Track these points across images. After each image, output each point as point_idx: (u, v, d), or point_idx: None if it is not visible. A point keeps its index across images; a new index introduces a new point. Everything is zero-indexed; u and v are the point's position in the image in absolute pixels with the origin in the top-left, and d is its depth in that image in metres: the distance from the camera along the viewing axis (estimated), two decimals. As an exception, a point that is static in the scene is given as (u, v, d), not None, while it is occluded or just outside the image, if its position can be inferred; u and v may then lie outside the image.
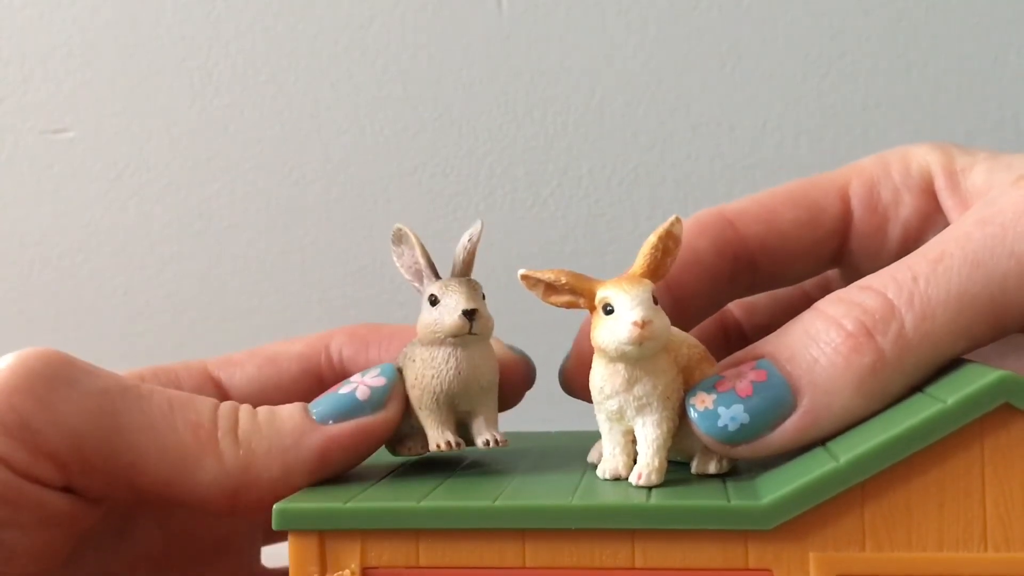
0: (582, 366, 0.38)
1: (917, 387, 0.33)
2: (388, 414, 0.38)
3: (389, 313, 0.81)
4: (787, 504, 0.31)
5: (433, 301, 0.38)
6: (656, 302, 0.34)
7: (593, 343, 0.35)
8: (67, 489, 0.36)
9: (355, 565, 0.33)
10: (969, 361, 0.33)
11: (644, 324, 0.33)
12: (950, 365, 0.33)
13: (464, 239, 0.39)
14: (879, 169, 0.44)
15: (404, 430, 0.39)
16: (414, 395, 0.38)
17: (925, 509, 0.31)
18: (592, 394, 0.36)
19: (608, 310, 0.34)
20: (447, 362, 0.37)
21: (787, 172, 0.80)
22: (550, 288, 0.35)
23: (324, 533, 0.33)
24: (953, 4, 0.79)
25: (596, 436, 0.43)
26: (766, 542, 0.31)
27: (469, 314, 0.37)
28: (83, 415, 0.35)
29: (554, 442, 0.44)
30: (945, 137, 0.79)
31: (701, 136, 0.81)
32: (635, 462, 0.35)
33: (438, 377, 0.37)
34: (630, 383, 0.34)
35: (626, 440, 0.36)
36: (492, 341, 0.39)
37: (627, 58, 0.81)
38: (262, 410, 0.38)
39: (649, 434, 0.35)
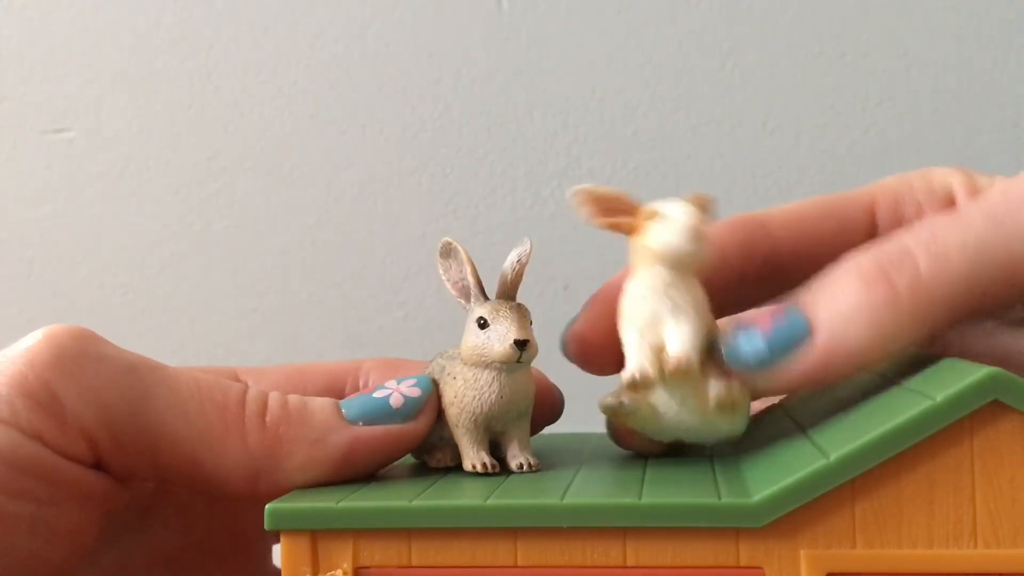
0: (591, 331, 0.39)
1: (905, 383, 0.33)
2: (418, 426, 0.38)
3: (389, 313, 0.81)
4: (778, 501, 0.31)
5: (482, 324, 0.37)
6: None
7: (640, 249, 0.35)
8: (97, 466, 0.36)
9: (347, 565, 0.33)
10: (957, 359, 0.33)
11: (700, 227, 0.34)
12: (938, 361, 0.34)
13: (512, 258, 0.39)
14: (903, 187, 0.45)
15: (433, 440, 0.39)
16: (451, 412, 0.38)
17: (915, 506, 0.30)
18: (623, 307, 0.36)
19: (661, 217, 0.35)
20: (490, 386, 0.37)
21: (787, 172, 0.80)
22: (600, 204, 0.36)
23: (316, 533, 0.33)
24: (953, 4, 0.79)
25: (592, 438, 0.43)
26: (757, 539, 0.31)
27: (520, 344, 0.36)
28: (112, 389, 0.36)
29: (547, 443, 0.44)
30: (945, 137, 0.79)
31: (701, 136, 0.81)
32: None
33: (479, 399, 0.37)
34: (668, 286, 0.35)
35: (654, 354, 0.35)
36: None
37: (627, 58, 0.81)
38: (293, 398, 0.38)
39: (684, 330, 0.35)
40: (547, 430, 0.46)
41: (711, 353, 0.36)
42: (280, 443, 0.36)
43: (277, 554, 0.47)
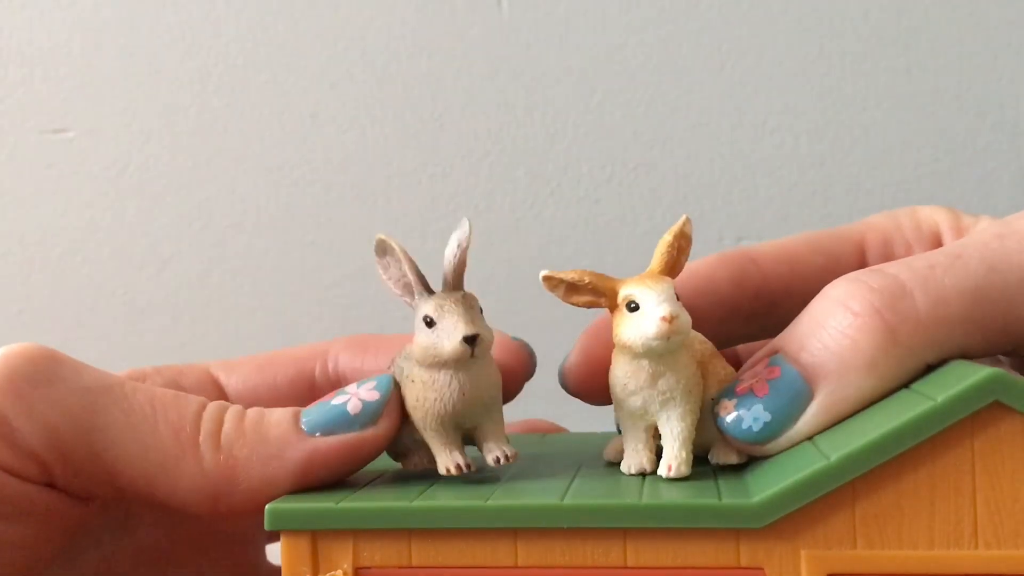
0: (586, 364, 0.39)
1: (906, 385, 0.33)
2: (379, 431, 0.36)
3: (389, 313, 0.81)
4: (779, 502, 0.31)
5: (429, 322, 0.35)
6: (678, 298, 0.34)
7: (617, 341, 0.35)
8: (50, 485, 0.36)
9: (347, 565, 0.33)
10: (959, 359, 0.33)
11: (672, 319, 0.33)
12: (940, 363, 0.33)
13: (452, 245, 0.37)
14: (891, 225, 0.45)
15: (407, 443, 0.38)
16: (417, 416, 0.36)
17: (916, 507, 0.30)
18: (613, 391, 0.36)
19: (633, 307, 0.34)
20: (449, 385, 0.35)
21: (787, 172, 0.80)
22: (572, 288, 0.35)
23: (316, 533, 0.33)
24: (953, 4, 0.79)
25: (592, 438, 0.43)
26: (758, 540, 0.31)
27: (470, 340, 0.35)
28: (63, 413, 0.35)
29: (548, 445, 0.44)
30: (945, 137, 0.79)
31: (701, 136, 0.81)
32: (658, 456, 0.35)
33: (441, 400, 0.36)
34: (654, 378, 0.35)
35: (648, 436, 0.36)
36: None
37: (627, 58, 0.81)
38: (251, 412, 0.37)
39: (675, 427, 0.35)
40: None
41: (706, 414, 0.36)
42: (235, 464, 0.36)
43: (272, 549, 0.47)
